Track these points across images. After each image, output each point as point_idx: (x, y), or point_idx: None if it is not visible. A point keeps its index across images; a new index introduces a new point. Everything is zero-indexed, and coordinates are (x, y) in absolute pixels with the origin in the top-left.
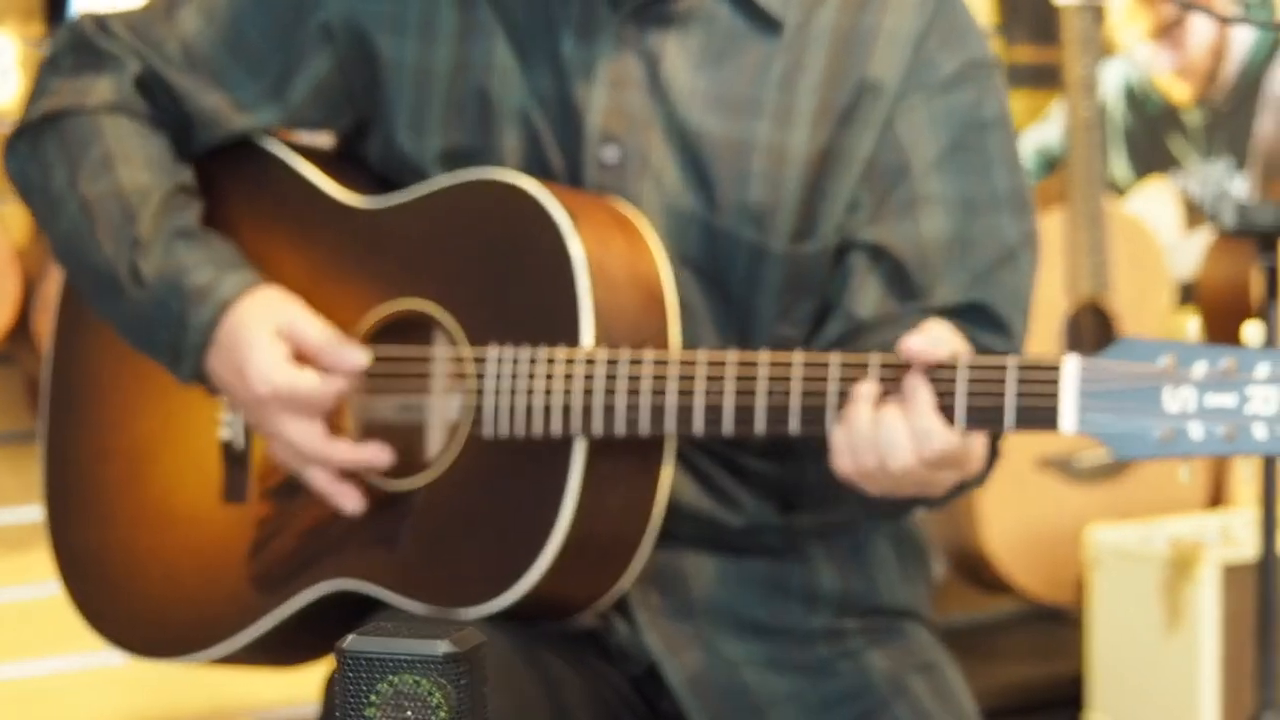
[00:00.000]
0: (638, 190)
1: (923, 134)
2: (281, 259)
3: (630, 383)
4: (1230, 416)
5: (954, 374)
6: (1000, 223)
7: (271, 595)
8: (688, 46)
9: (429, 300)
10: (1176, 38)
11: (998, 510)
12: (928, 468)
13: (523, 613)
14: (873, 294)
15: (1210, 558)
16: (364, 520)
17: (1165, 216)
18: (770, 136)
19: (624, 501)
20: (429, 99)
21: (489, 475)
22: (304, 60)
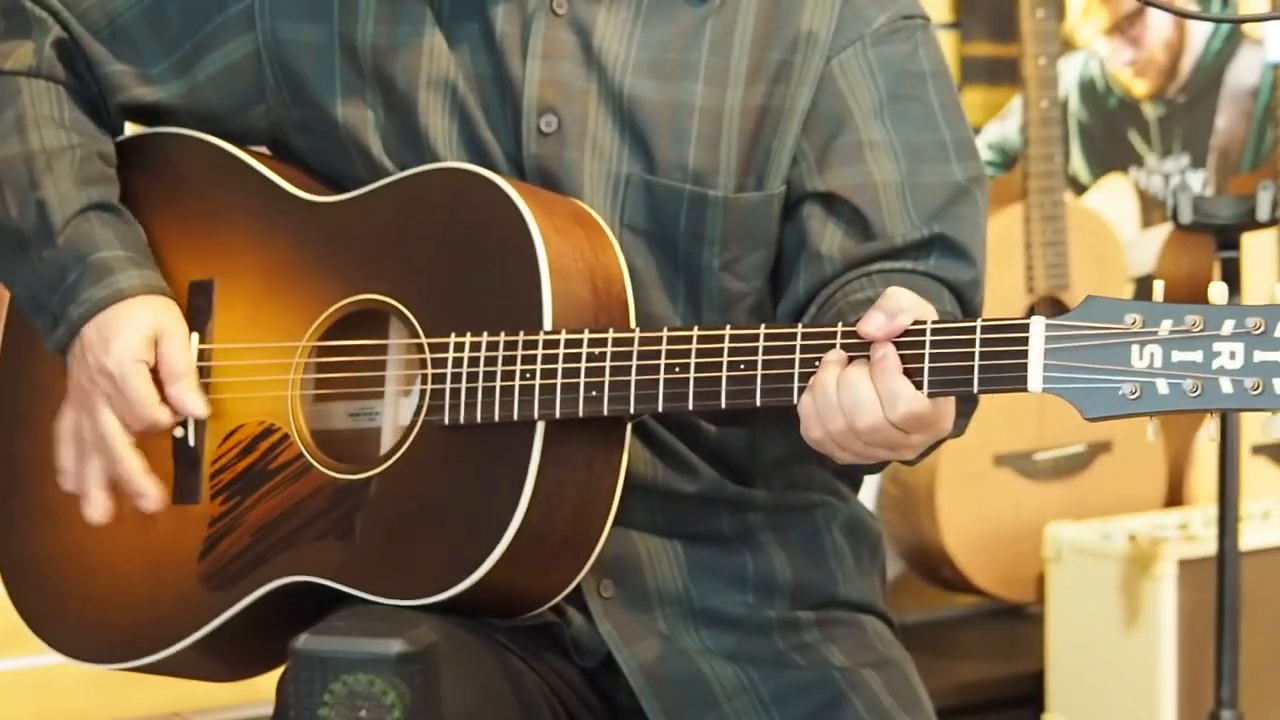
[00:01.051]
0: (577, 156)
1: (861, 84)
2: (239, 253)
3: (592, 360)
4: (1197, 371)
5: (921, 339)
6: (948, 168)
7: (223, 594)
8: (618, 16)
9: (386, 294)
10: (1135, 33)
11: (956, 507)
12: (896, 429)
13: (482, 604)
14: (834, 238)
15: (1169, 554)
16: (317, 514)
17: (1123, 212)
18: (706, 98)
19: (583, 489)
20: (359, 77)
21: (446, 463)
22: (219, 41)
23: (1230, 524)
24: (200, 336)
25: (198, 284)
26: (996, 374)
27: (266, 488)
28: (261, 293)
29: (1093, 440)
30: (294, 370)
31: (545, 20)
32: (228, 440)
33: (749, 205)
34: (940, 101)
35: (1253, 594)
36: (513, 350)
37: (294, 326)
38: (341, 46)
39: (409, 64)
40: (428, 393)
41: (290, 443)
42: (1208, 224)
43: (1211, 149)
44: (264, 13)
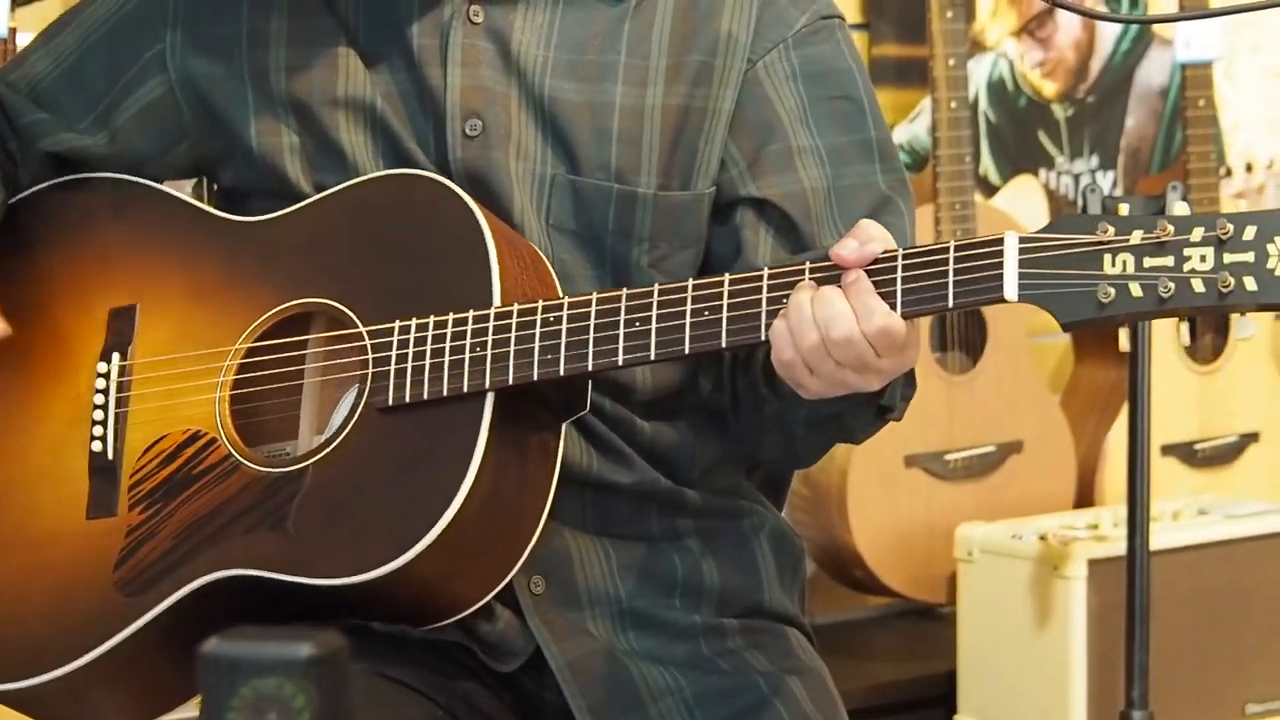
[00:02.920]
0: (502, 158)
1: (786, 88)
2: (163, 278)
3: (547, 325)
4: (1169, 274)
5: (892, 264)
6: (870, 169)
7: (138, 599)
8: (534, 21)
9: (323, 297)
10: (1044, 34)
11: (867, 508)
12: (869, 345)
13: (412, 596)
14: (767, 246)
15: (1079, 555)
16: (247, 508)
17: (1033, 212)
18: (626, 97)
19: (520, 483)
20: (271, 103)
21: (387, 446)
22: (135, 85)
23: (1140, 524)
24: (121, 355)
25: (119, 310)
26: (972, 287)
27: (191, 491)
28: (189, 312)
29: (1003, 440)
30: (223, 374)
31: (463, 29)
32: (149, 451)
33: (677, 204)
34: (862, 99)
35: (1163, 594)
36: (462, 326)
37: (224, 338)
38: (252, 75)
39: (324, 86)
40: (369, 377)
41: (218, 445)
42: None
43: (1121, 149)
44: (174, 53)
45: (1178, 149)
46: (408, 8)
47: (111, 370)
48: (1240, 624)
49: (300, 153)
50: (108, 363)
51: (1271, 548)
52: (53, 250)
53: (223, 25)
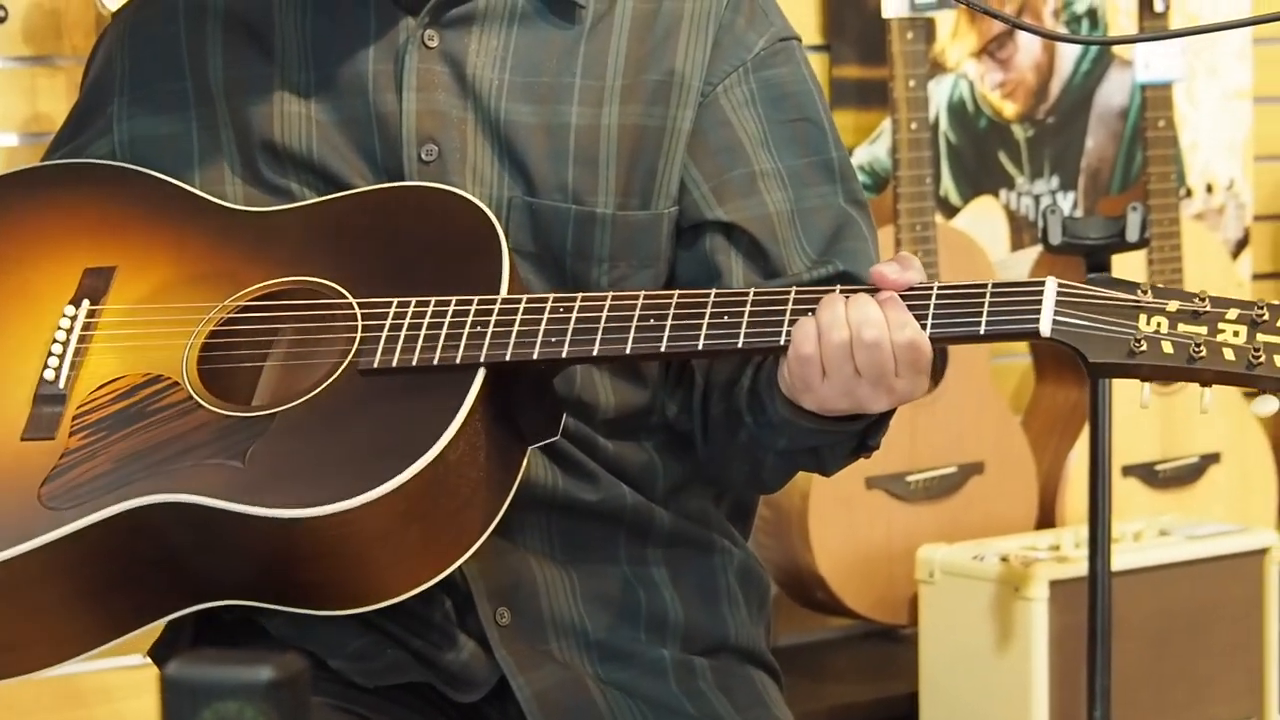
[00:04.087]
0: (459, 182)
1: (746, 112)
2: (148, 247)
3: (555, 314)
4: (1201, 339)
5: (928, 291)
6: (831, 189)
7: (66, 512)
8: (489, 44)
9: (318, 277)
10: (1004, 55)
11: (829, 530)
12: (893, 356)
13: (349, 562)
14: (740, 270)
15: (1041, 576)
16: (199, 444)
17: (994, 233)
18: (581, 117)
19: (485, 472)
20: (218, 153)
21: (362, 402)
22: (88, 142)
23: (1102, 545)
24: (91, 303)
25: (95, 269)
26: (1006, 318)
27: (140, 425)
28: (170, 278)
29: (964, 461)
30: (198, 327)
31: (417, 54)
32: (103, 387)
33: (636, 223)
34: (821, 120)
35: (1124, 615)
36: (465, 306)
37: (204, 301)
38: (200, 130)
39: (263, 135)
40: (356, 340)
41: (179, 389)
42: (1077, 245)
43: (1081, 170)
44: (121, 116)
45: (1138, 170)
46: (361, 34)
47: (79, 315)
48: (1202, 644)
49: (243, 200)
50: (76, 307)
51: (1233, 568)
52: (35, 211)
53: (170, 82)
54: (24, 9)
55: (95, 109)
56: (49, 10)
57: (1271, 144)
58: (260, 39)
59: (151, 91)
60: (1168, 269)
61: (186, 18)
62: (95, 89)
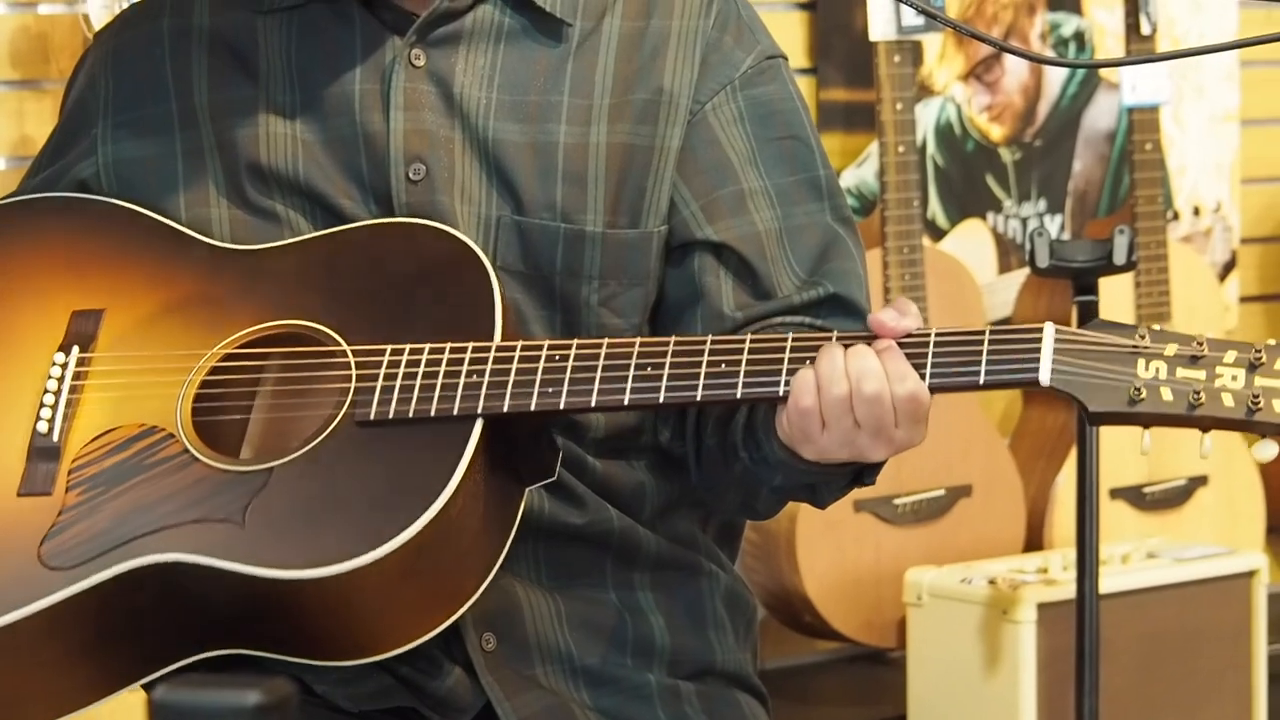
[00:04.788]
0: (448, 201)
1: (734, 130)
2: (136, 289)
3: (551, 362)
4: (1200, 386)
5: (925, 338)
6: (819, 207)
7: (67, 573)
8: (476, 63)
9: (309, 320)
10: (991, 78)
11: (817, 553)
12: (893, 408)
13: (360, 610)
14: (730, 290)
15: (1028, 599)
16: (198, 500)
17: (981, 256)
18: (570, 135)
19: (484, 522)
20: (203, 176)
21: (360, 456)
22: (70, 168)
23: (1090, 568)
24: (81, 349)
25: (83, 311)
26: (1005, 367)
27: (137, 480)
28: (159, 321)
29: (952, 484)
30: (190, 376)
31: (404, 73)
32: (97, 439)
33: (626, 242)
34: (808, 138)
35: (1112, 637)
36: (460, 354)
37: (195, 347)
38: (185, 154)
39: (249, 157)
40: (350, 391)
41: (174, 441)
42: (1065, 268)
43: (1068, 193)
44: (105, 138)
45: (1125, 193)
46: (348, 54)
47: (69, 362)
48: (1189, 667)
49: (228, 223)
50: (66, 354)
51: (1220, 591)
52: (20, 249)
53: (155, 105)
54: (10, 32)
55: (78, 130)
56: (36, 34)
57: (1259, 166)
58: (245, 61)
59: (136, 115)
60: (1155, 292)
61: (170, 40)
62: (78, 109)
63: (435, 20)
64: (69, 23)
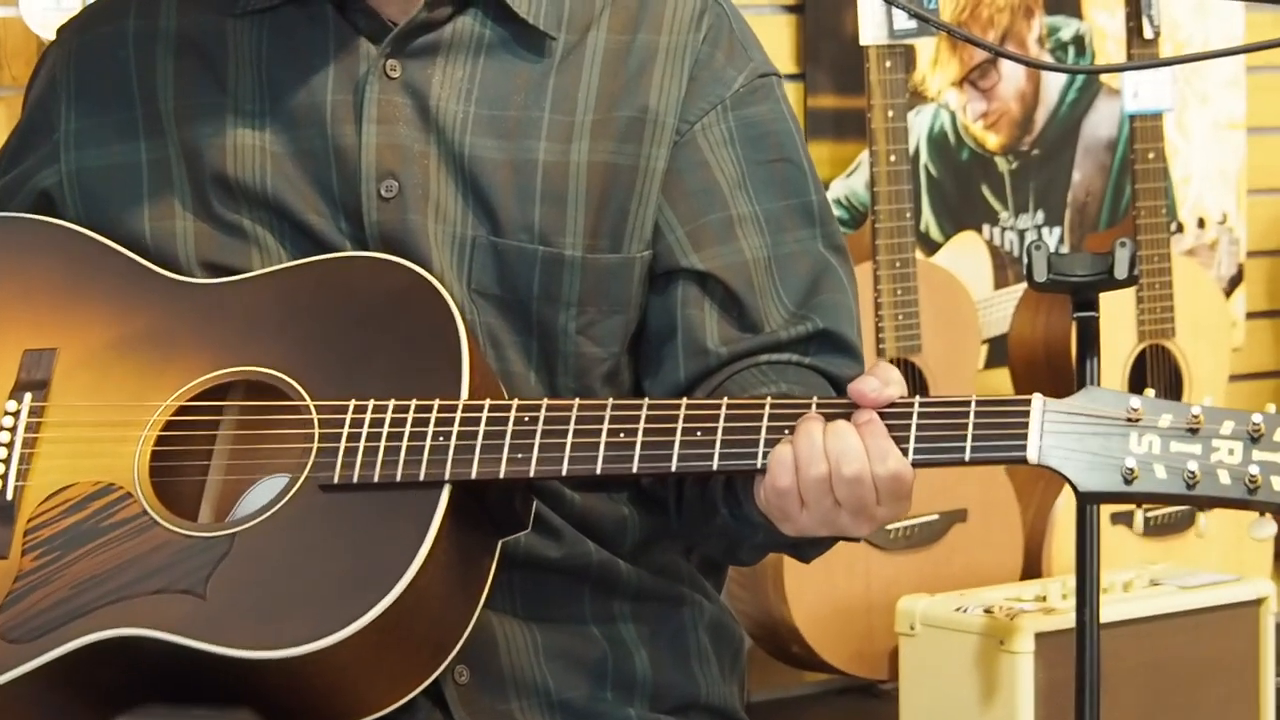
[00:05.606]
0: (420, 221)
1: (724, 152)
2: (89, 326)
3: (520, 424)
4: (1195, 462)
5: (909, 410)
6: (810, 234)
7: (26, 647)
8: (454, 76)
9: (269, 367)
10: (987, 84)
11: (805, 581)
12: (874, 488)
13: (334, 682)
14: (714, 324)
15: (1026, 628)
16: (159, 568)
17: (976, 270)
18: (550, 153)
19: (456, 581)
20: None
21: (327, 523)
22: (32, 171)
23: (1090, 596)
24: (34, 396)
25: (34, 352)
26: (991, 443)
27: (95, 544)
28: (114, 363)
29: (946, 509)
30: (146, 429)
31: (379, 84)
32: (53, 497)
33: (606, 267)
34: (801, 161)
35: (1114, 669)
36: (426, 414)
37: (151, 394)
38: (150, 164)
39: (215, 168)
40: (313, 451)
41: (132, 501)
42: (1064, 282)
43: (1068, 204)
44: (68, 144)
45: (1127, 204)
46: (321, 61)
47: (22, 410)
48: (1196, 699)
49: (193, 236)
50: (18, 401)
51: (1227, 619)
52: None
53: (119, 111)
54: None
55: (39, 131)
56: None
57: (1266, 176)
58: (213, 66)
59: (99, 120)
60: (1158, 308)
61: (136, 42)
62: (39, 110)
63: (413, 30)
64: (22, 28)
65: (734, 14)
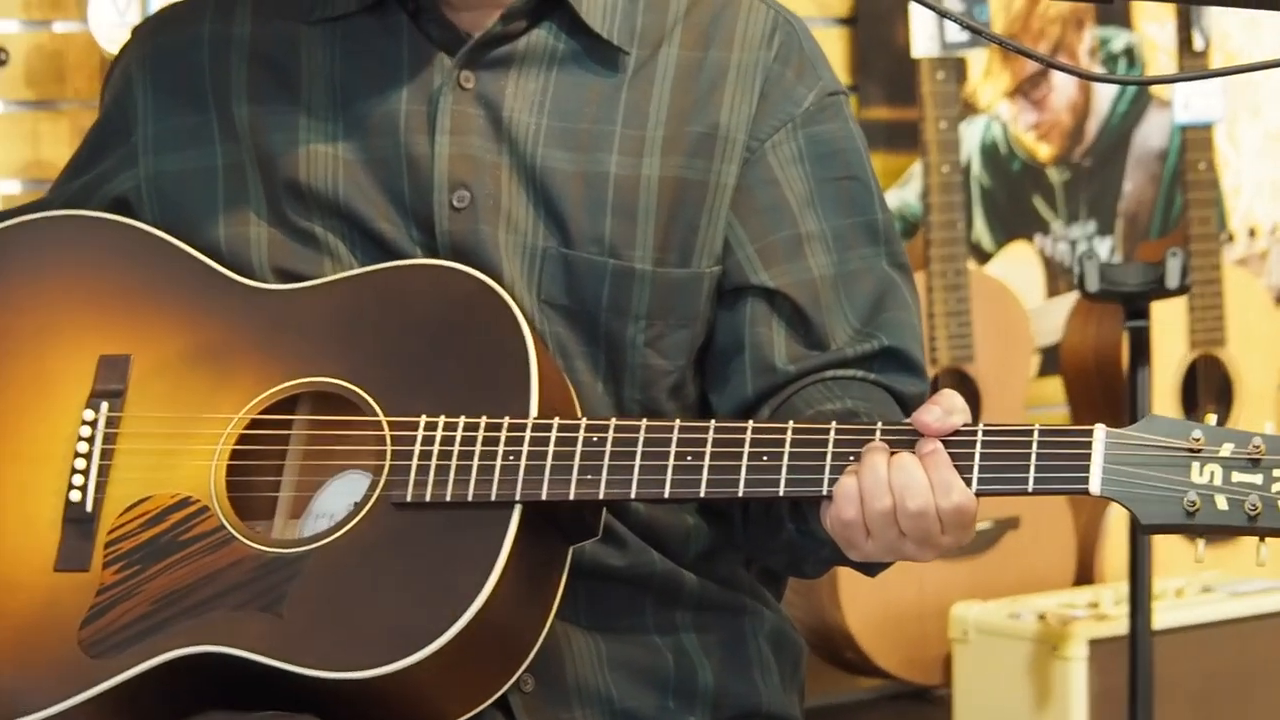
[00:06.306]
0: (491, 231)
1: (793, 170)
2: (163, 331)
3: (589, 445)
4: (1256, 493)
5: (972, 439)
6: (875, 251)
7: (105, 662)
8: (527, 88)
9: (339, 378)
10: (1038, 95)
11: (859, 587)
12: (938, 519)
13: (409, 697)
14: (782, 341)
15: (1079, 634)
16: (236, 585)
17: (1028, 280)
18: (621, 167)
19: (529, 596)
20: (243, 192)
21: (397, 541)
22: (111, 174)
23: (1142, 603)
24: (110, 405)
25: (111, 358)
26: (1054, 475)
27: (175, 558)
28: (187, 372)
29: (1000, 516)
30: (221, 443)
31: (452, 95)
32: (131, 510)
33: (675, 281)
34: (868, 179)
35: (1167, 675)
36: (495, 432)
37: (224, 404)
38: (226, 169)
39: (288, 175)
40: (385, 468)
41: (209, 515)
42: (1115, 292)
43: (1119, 214)
44: (146, 148)
45: (1178, 214)
46: (395, 71)
47: (99, 419)
48: (1249, 707)
49: (267, 243)
50: (95, 411)
51: (1277, 626)
52: (44, 281)
53: (195, 115)
54: (25, 52)
55: (117, 132)
56: (51, 53)
57: None
58: (286, 74)
59: (176, 124)
60: (1209, 317)
61: (211, 47)
62: (115, 108)
63: (488, 42)
64: (85, 41)
65: (804, 32)
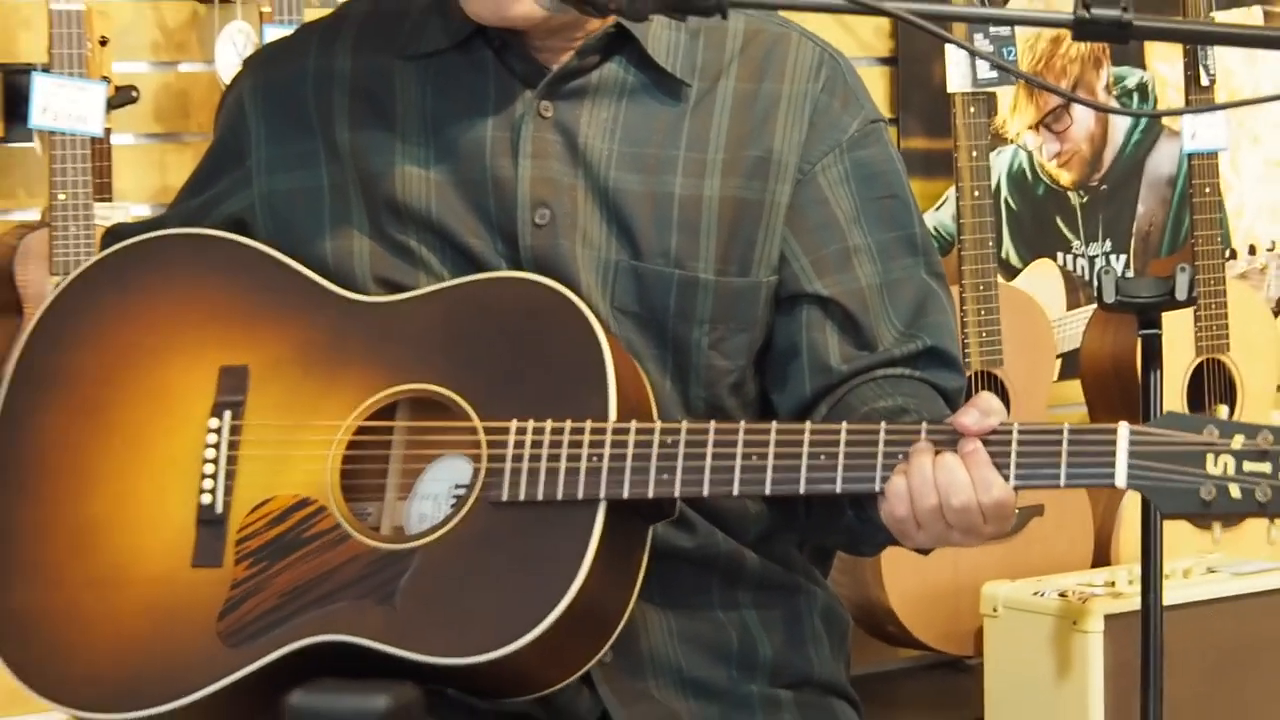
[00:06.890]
0: (570, 245)
1: (841, 190)
2: (275, 343)
3: (664, 446)
4: (1267, 480)
5: (1008, 437)
6: (915, 262)
7: (243, 650)
8: (599, 117)
9: (437, 385)
10: (1060, 127)
11: (900, 567)
12: (980, 513)
13: (508, 676)
14: (835, 343)
15: (1097, 610)
16: (353, 579)
17: (1051, 293)
18: (685, 188)
19: (616, 577)
20: (346, 210)
21: (498, 537)
22: (227, 195)
23: (1153, 581)
24: (233, 414)
25: (231, 368)
26: (1083, 469)
27: (298, 555)
28: (299, 380)
29: (1025, 504)
30: (334, 447)
31: (533, 123)
32: (257, 510)
33: (736, 289)
34: (907, 198)
35: (1175, 647)
36: (579, 435)
37: (334, 411)
38: (331, 189)
39: (386, 193)
40: (483, 470)
41: (327, 514)
42: (1130, 303)
43: (1133, 234)
44: (259, 170)
45: (1186, 233)
46: (482, 102)
47: (223, 427)
48: (1251, 677)
49: (368, 255)
50: (219, 419)
51: (1276, 603)
52: (166, 296)
53: (302, 141)
54: (154, 90)
55: (231, 156)
56: (177, 91)
57: None
58: (381, 105)
59: (285, 149)
60: (1214, 326)
61: (315, 81)
62: (229, 134)
63: (565, 75)
64: (208, 80)
65: (847, 66)
